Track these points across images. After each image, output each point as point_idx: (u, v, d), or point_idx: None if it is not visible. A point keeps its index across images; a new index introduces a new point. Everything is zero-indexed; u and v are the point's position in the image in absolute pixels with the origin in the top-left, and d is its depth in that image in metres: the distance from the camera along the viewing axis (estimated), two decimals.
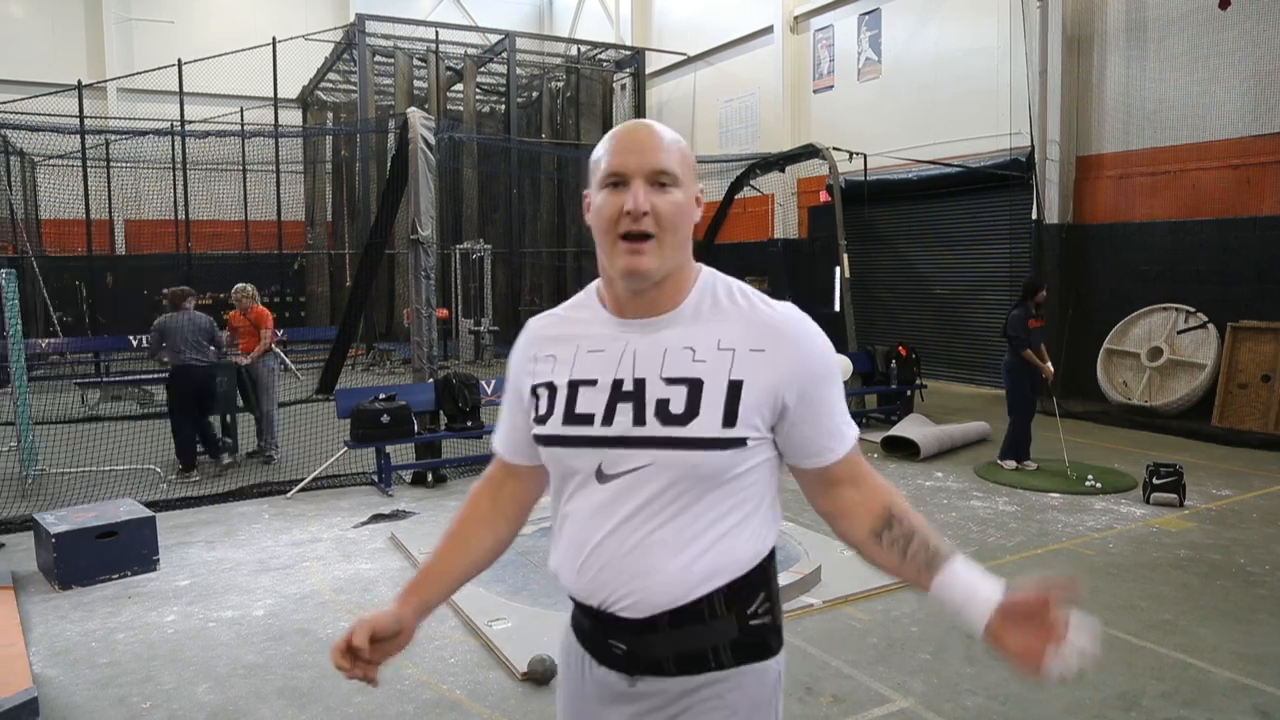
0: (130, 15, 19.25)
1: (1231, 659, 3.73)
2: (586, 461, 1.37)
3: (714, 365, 1.33)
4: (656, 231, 1.31)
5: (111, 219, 17.57)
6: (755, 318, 1.37)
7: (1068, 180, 10.74)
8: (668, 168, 1.33)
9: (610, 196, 1.34)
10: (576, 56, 18.76)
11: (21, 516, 5.86)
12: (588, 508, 1.37)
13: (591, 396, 1.37)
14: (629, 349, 1.37)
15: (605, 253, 1.36)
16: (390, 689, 3.57)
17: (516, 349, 1.54)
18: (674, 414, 1.32)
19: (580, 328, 1.45)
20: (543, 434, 1.42)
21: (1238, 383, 8.93)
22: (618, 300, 1.41)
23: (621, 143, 1.35)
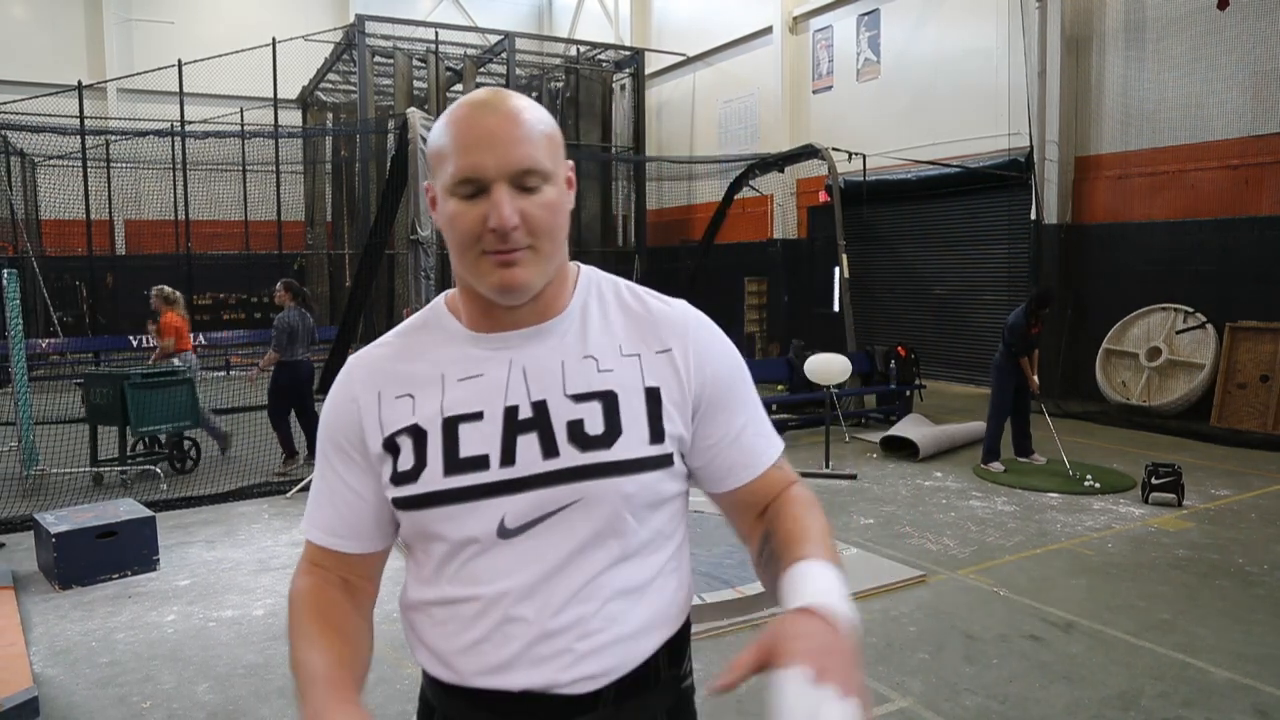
0: (130, 15, 19.25)
1: (1230, 659, 3.74)
2: (483, 519, 1.07)
3: (623, 373, 1.12)
4: (531, 241, 1.05)
5: (111, 219, 17.58)
6: (653, 316, 1.16)
7: (1066, 180, 10.75)
8: (535, 165, 1.04)
9: (465, 207, 1.04)
10: (576, 57, 18.76)
11: (21, 516, 5.87)
12: (495, 578, 1.08)
13: (479, 433, 1.08)
14: (515, 367, 1.11)
15: (468, 269, 1.08)
16: (390, 689, 3.58)
17: (338, 397, 1.16)
18: (592, 436, 1.08)
19: (435, 353, 1.14)
20: (414, 494, 1.09)
21: (1236, 383, 8.94)
22: (485, 314, 1.12)
23: (471, 134, 1.04)
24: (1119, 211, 10.40)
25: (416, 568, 1.17)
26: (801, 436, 8.81)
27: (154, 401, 7.12)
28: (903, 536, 5.54)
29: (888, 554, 5.16)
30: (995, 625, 4.14)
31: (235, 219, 18.33)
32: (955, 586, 4.65)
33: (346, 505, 1.16)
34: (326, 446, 1.17)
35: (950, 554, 5.18)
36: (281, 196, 18.37)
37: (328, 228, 19.67)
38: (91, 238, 16.77)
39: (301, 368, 7.64)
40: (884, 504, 6.32)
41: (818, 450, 7.65)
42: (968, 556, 5.13)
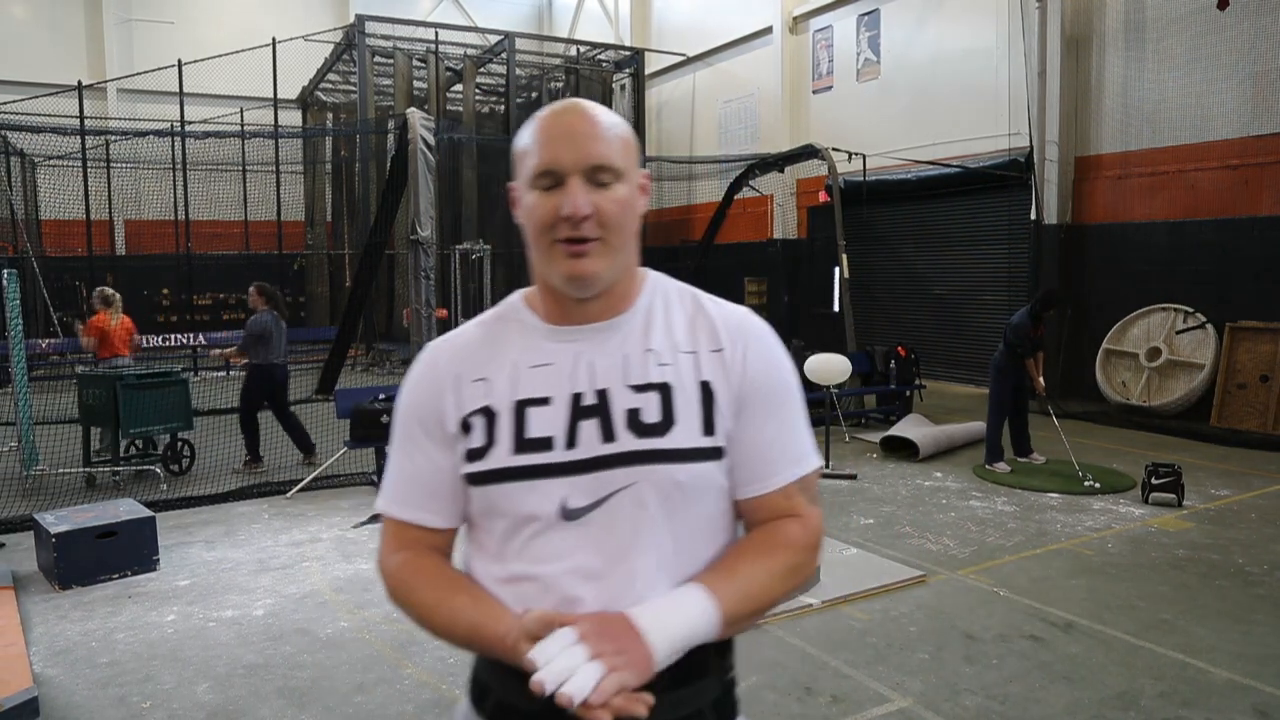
0: (130, 15, 19.25)
1: (1230, 659, 3.74)
2: (546, 498, 1.14)
3: (680, 368, 1.19)
4: (601, 234, 1.13)
5: (111, 219, 17.58)
6: (711, 318, 1.24)
7: (1066, 180, 10.75)
8: (609, 161, 1.14)
9: (543, 198, 1.14)
10: (576, 57, 18.77)
11: (21, 516, 5.87)
12: (556, 558, 1.13)
13: (545, 417, 1.16)
14: (582, 359, 1.19)
15: (541, 258, 1.17)
16: (390, 689, 3.58)
17: (421, 378, 1.25)
18: (648, 424, 1.15)
19: (511, 343, 1.23)
20: (482, 470, 1.16)
21: (1236, 383, 8.94)
22: (558, 308, 1.21)
23: (552, 132, 1.15)
24: (1119, 211, 10.40)
25: (479, 547, 1.23)
26: None
27: (146, 403, 7.05)
28: (903, 536, 5.54)
29: (888, 554, 5.16)
30: (995, 625, 4.14)
31: (235, 219, 18.33)
32: (955, 586, 4.65)
33: (431, 481, 1.22)
34: (410, 425, 1.24)
35: (950, 554, 5.18)
36: (281, 196, 18.37)
37: (328, 228, 19.67)
38: (91, 238, 16.77)
39: (276, 371, 7.64)
40: (884, 504, 6.33)
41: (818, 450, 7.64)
42: (968, 556, 5.13)
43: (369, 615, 4.36)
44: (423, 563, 1.22)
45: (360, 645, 4.01)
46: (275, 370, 7.64)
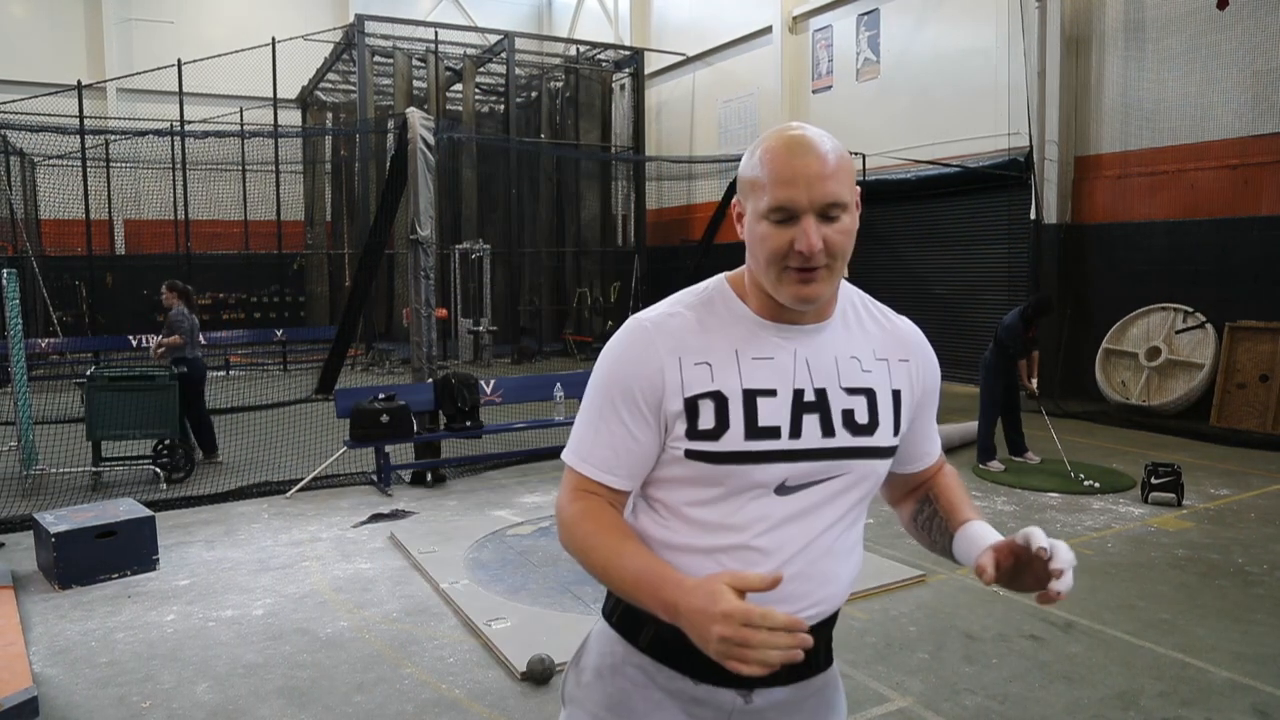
0: (130, 15, 19.26)
1: (1229, 658, 3.74)
2: (770, 476, 1.28)
3: (878, 375, 1.37)
4: (829, 262, 1.25)
5: (111, 219, 17.59)
6: (894, 330, 1.43)
7: (1066, 180, 10.75)
8: (839, 199, 1.23)
9: (776, 231, 1.23)
10: (575, 57, 18.77)
11: (21, 516, 5.86)
12: (768, 520, 1.29)
13: (772, 407, 1.29)
14: (799, 357, 1.32)
15: (769, 280, 1.27)
16: (390, 688, 3.58)
17: (636, 352, 1.31)
18: (860, 424, 1.33)
19: (727, 330, 1.32)
20: (715, 450, 1.27)
21: (1236, 382, 8.94)
22: (774, 307, 1.32)
23: (788, 170, 1.22)
24: (1119, 211, 10.41)
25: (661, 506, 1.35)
26: None
27: (119, 406, 6.83)
28: (902, 536, 5.54)
29: (888, 554, 5.16)
30: (995, 625, 4.14)
31: (235, 219, 18.34)
32: (955, 586, 4.65)
33: (626, 449, 1.31)
34: (615, 395, 1.31)
35: None
36: (281, 196, 18.38)
37: (327, 227, 19.68)
38: (91, 238, 16.77)
39: (199, 365, 7.73)
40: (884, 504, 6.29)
41: None
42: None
43: (369, 615, 4.36)
44: (602, 511, 1.32)
45: (360, 645, 4.01)
46: (198, 364, 7.71)
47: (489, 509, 6.29)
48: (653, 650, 1.34)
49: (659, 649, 1.33)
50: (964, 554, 1.38)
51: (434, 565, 4.90)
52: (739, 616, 1.08)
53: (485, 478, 7.35)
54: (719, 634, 1.09)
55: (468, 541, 5.40)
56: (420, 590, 4.66)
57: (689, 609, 1.13)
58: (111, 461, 7.24)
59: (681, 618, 1.15)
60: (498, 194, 18.03)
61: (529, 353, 16.64)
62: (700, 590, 1.13)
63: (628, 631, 1.36)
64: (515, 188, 17.21)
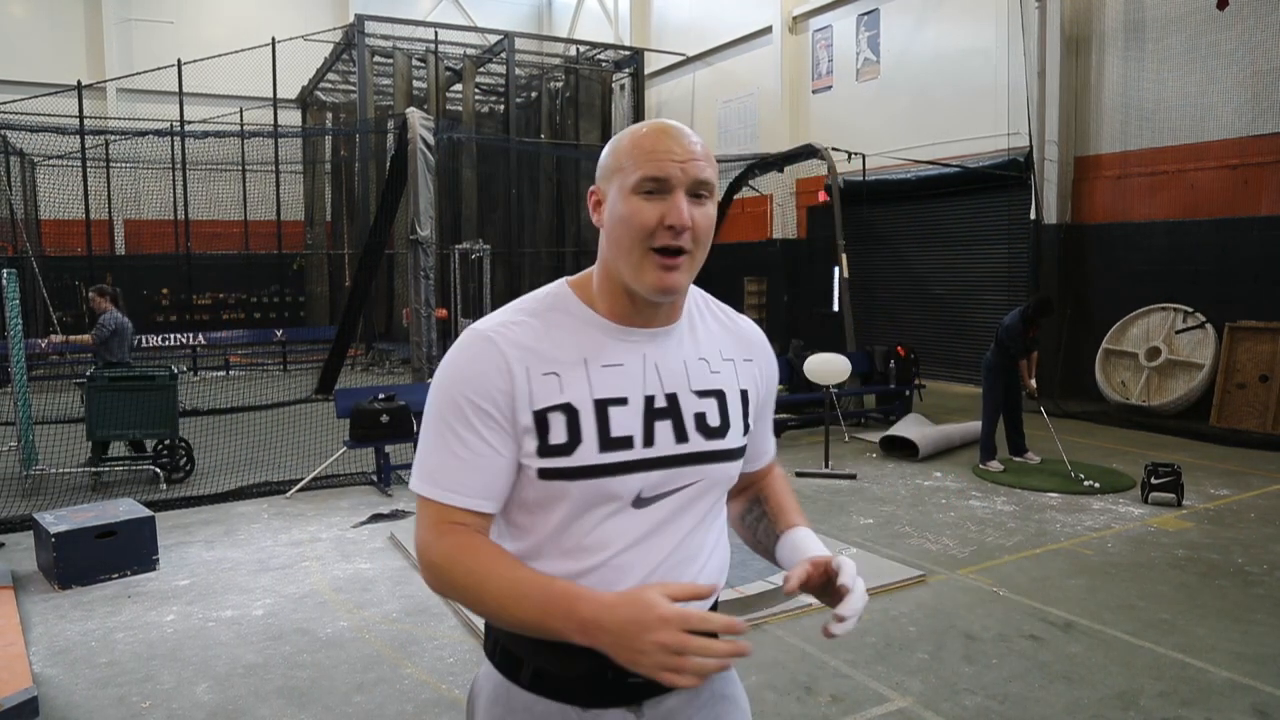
0: (130, 15, 19.25)
1: (1229, 658, 3.74)
2: (626, 488, 1.24)
3: (726, 376, 1.35)
4: (692, 248, 1.23)
5: (111, 219, 17.58)
6: (738, 329, 1.42)
7: (1066, 180, 10.75)
8: (709, 179, 1.23)
9: (645, 204, 1.20)
10: (575, 57, 18.77)
11: (21, 516, 5.86)
12: (628, 537, 1.25)
13: (625, 416, 1.24)
14: (649, 362, 1.28)
15: (630, 264, 1.22)
16: (389, 689, 3.58)
17: (482, 363, 1.23)
18: (712, 427, 1.30)
19: (574, 337, 1.27)
20: (569, 466, 1.22)
21: (1236, 382, 8.94)
22: (627, 308, 1.28)
23: (661, 147, 1.22)
24: (1119, 211, 10.40)
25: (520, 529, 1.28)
26: (801, 436, 8.81)
27: (119, 406, 6.86)
28: (902, 536, 5.54)
29: (887, 554, 5.16)
30: (995, 625, 4.14)
31: (235, 219, 18.33)
32: (955, 586, 4.65)
33: (489, 467, 1.23)
34: (466, 410, 1.22)
35: (950, 554, 5.18)
36: (281, 196, 18.38)
37: (327, 228, 19.67)
38: (91, 238, 16.77)
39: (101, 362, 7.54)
40: (883, 504, 6.33)
41: (817, 450, 7.65)
42: (967, 556, 5.13)
43: (369, 615, 4.36)
44: (478, 543, 1.22)
45: (360, 645, 4.01)
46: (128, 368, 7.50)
47: None
48: (534, 685, 1.28)
49: (540, 683, 1.27)
50: (786, 559, 1.38)
51: None
52: (677, 621, 1.06)
53: None
54: (658, 641, 1.06)
55: None
56: (420, 590, 4.65)
57: (615, 621, 1.09)
58: (111, 461, 7.24)
59: (604, 633, 1.09)
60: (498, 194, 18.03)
61: None
62: (628, 602, 1.10)
63: (508, 670, 1.30)
64: (515, 188, 17.21)
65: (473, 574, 1.19)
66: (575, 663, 1.22)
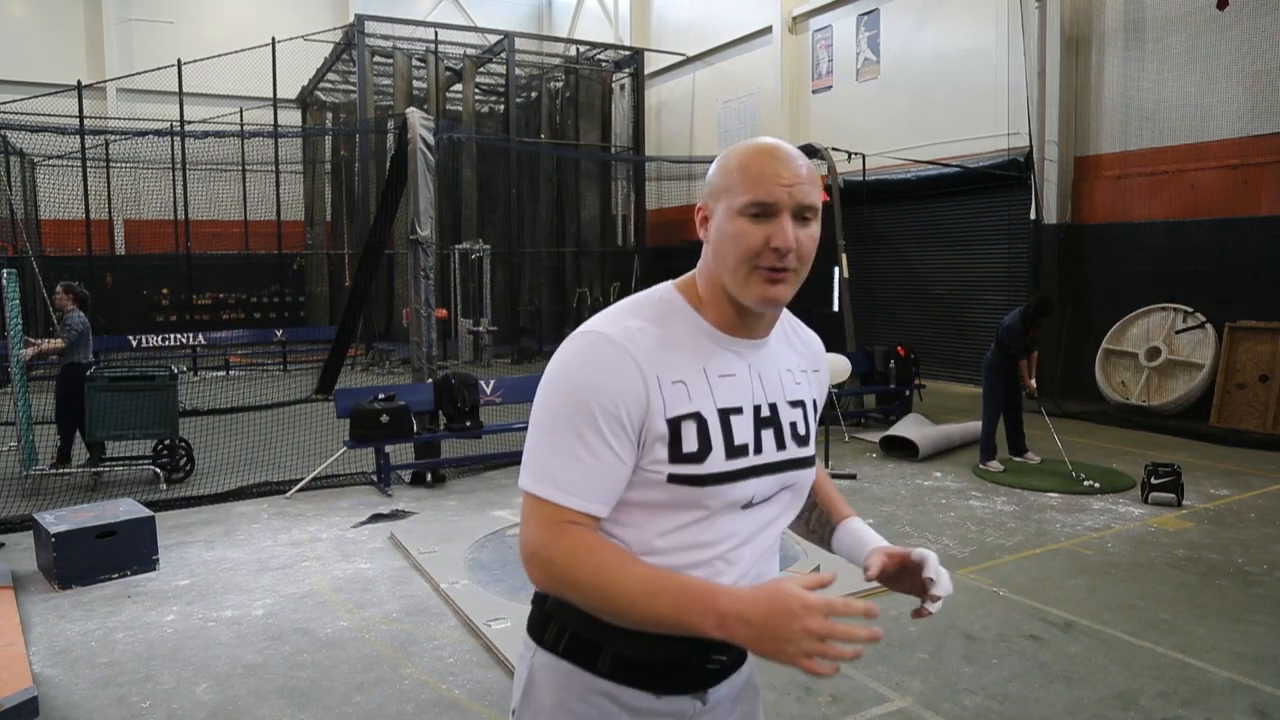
0: (130, 15, 19.25)
1: (1229, 658, 3.74)
2: (744, 493, 1.31)
3: (805, 387, 1.44)
4: (798, 266, 1.29)
5: (111, 219, 17.58)
6: (809, 341, 1.51)
7: (1066, 180, 10.75)
8: (814, 203, 1.29)
9: (752, 226, 1.25)
10: (575, 57, 18.77)
11: (21, 516, 5.86)
12: (738, 536, 1.32)
13: (741, 425, 1.31)
14: (754, 372, 1.35)
15: (737, 279, 1.27)
16: (390, 689, 3.58)
17: (617, 370, 1.24)
18: (802, 435, 1.40)
19: (691, 346, 1.31)
20: (701, 474, 1.26)
21: (1236, 382, 8.94)
22: (734, 318, 1.33)
23: (769, 171, 1.26)
24: (1119, 211, 10.40)
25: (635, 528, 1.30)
26: None
27: (118, 406, 6.84)
28: (902, 536, 5.54)
29: None
30: (995, 625, 4.14)
31: (235, 219, 18.33)
32: (955, 586, 4.64)
33: (611, 474, 1.25)
34: (598, 417, 1.22)
35: (950, 554, 5.18)
36: (281, 196, 18.37)
37: (327, 228, 19.67)
38: (91, 238, 16.77)
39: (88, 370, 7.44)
40: (883, 504, 6.33)
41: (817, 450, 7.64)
42: (967, 556, 5.13)
43: (369, 615, 4.36)
44: (601, 542, 1.24)
45: (360, 645, 4.01)
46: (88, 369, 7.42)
47: (489, 509, 6.30)
48: (615, 673, 1.31)
49: (621, 671, 1.31)
50: (844, 547, 1.51)
51: (434, 565, 4.90)
52: (822, 608, 1.10)
53: (485, 478, 7.36)
54: (806, 628, 1.09)
55: (468, 541, 5.40)
56: (420, 590, 4.66)
57: (759, 613, 1.12)
58: (111, 461, 7.24)
59: (746, 625, 1.12)
60: (498, 194, 18.03)
61: (529, 353, 16.64)
62: (770, 594, 1.13)
63: (584, 659, 1.32)
64: (515, 188, 17.21)
65: (600, 572, 1.20)
66: (660, 649, 1.28)
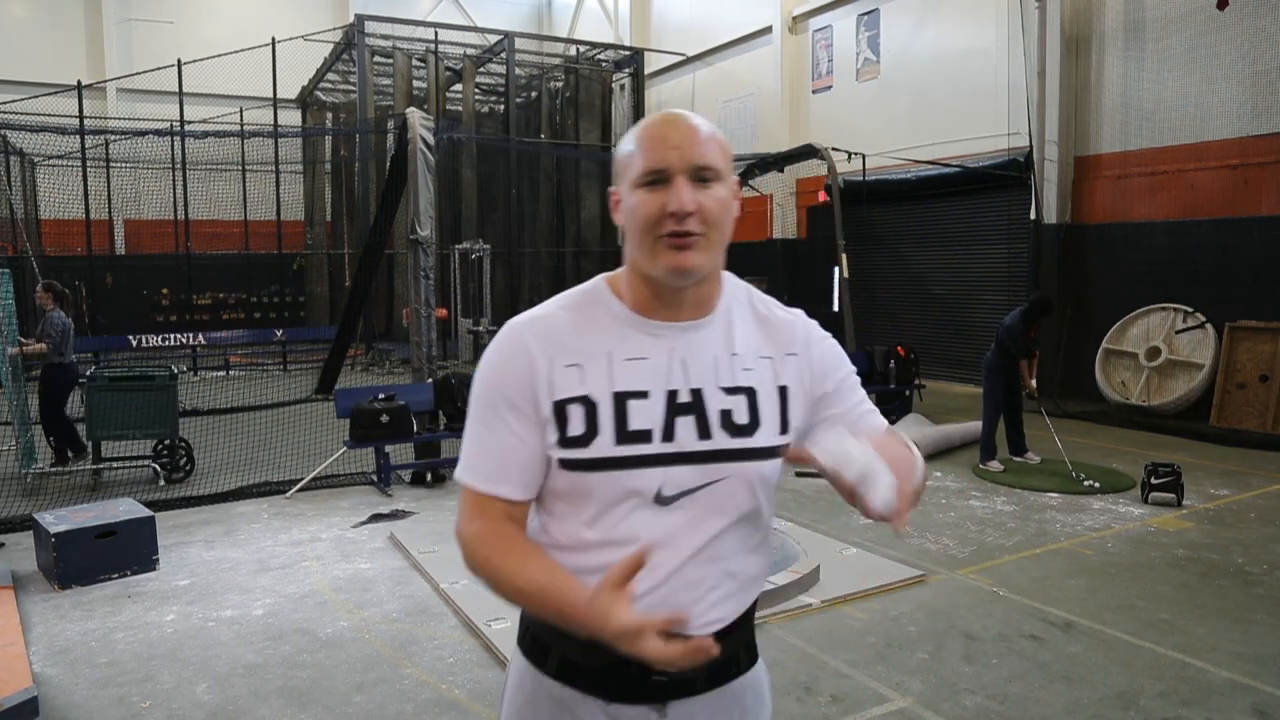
0: (130, 15, 19.25)
1: (1229, 658, 3.74)
2: (645, 483, 1.24)
3: (761, 373, 1.32)
4: (703, 229, 1.22)
5: (111, 219, 17.57)
6: (777, 324, 1.38)
7: (1066, 180, 10.75)
8: (711, 162, 1.23)
9: (649, 196, 1.22)
10: (575, 57, 18.77)
11: (21, 516, 5.87)
12: (653, 532, 1.24)
13: (644, 410, 1.25)
14: (675, 356, 1.28)
15: (644, 253, 1.24)
16: (390, 689, 3.58)
17: (510, 355, 1.28)
18: (739, 425, 1.28)
19: (601, 330, 1.28)
20: (583, 458, 1.24)
21: (1236, 382, 8.94)
22: (653, 300, 1.28)
23: (658, 137, 1.24)
24: (1119, 211, 10.40)
25: (558, 517, 1.30)
26: None
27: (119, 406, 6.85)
28: (902, 536, 5.54)
29: (887, 554, 5.16)
30: (995, 625, 4.14)
31: (235, 219, 18.32)
32: (955, 586, 4.65)
33: (516, 456, 1.27)
34: (496, 400, 1.27)
35: (950, 554, 5.18)
36: (281, 196, 18.36)
37: (327, 227, 19.67)
38: (91, 237, 16.76)
39: (72, 371, 7.53)
40: None
41: None
42: (967, 556, 5.13)
43: (369, 615, 4.36)
44: (500, 531, 1.27)
45: (360, 645, 4.01)
46: (72, 369, 7.53)
47: None
48: (561, 674, 1.30)
49: (568, 672, 1.30)
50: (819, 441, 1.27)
51: (434, 565, 4.90)
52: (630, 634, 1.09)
53: None
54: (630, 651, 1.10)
55: None
56: (420, 590, 4.66)
57: (594, 632, 1.13)
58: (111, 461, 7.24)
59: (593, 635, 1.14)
60: (498, 194, 18.02)
61: None
62: (594, 613, 1.12)
63: (536, 658, 1.33)
64: (515, 188, 17.21)
65: (492, 560, 1.25)
66: (598, 654, 1.23)
